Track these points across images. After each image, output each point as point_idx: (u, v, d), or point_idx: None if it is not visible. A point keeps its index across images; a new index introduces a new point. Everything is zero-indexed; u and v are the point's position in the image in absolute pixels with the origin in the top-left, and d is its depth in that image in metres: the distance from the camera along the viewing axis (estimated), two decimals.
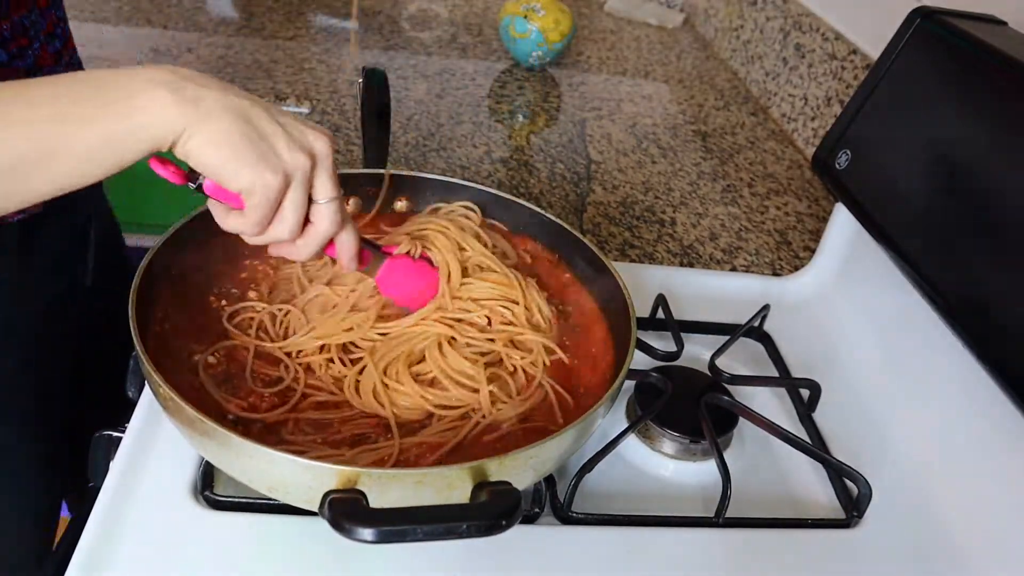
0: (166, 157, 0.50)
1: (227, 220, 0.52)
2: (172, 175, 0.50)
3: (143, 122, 0.46)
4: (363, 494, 0.47)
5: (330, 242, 0.55)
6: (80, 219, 0.84)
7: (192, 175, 0.51)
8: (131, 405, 0.67)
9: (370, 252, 0.62)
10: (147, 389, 0.68)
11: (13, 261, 0.75)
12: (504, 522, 0.47)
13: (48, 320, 0.82)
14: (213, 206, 0.53)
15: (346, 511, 0.46)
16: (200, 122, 0.46)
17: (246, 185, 0.48)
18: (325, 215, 0.53)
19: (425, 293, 0.66)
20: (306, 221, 0.53)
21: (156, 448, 0.63)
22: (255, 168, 0.48)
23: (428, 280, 0.66)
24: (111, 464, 0.62)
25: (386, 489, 0.48)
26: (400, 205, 0.80)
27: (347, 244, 0.57)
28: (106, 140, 0.46)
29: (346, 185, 0.75)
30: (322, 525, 0.58)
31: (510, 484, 0.50)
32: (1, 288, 0.76)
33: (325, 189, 0.52)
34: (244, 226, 0.51)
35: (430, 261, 0.67)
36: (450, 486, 0.49)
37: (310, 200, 0.52)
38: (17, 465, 0.86)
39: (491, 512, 0.48)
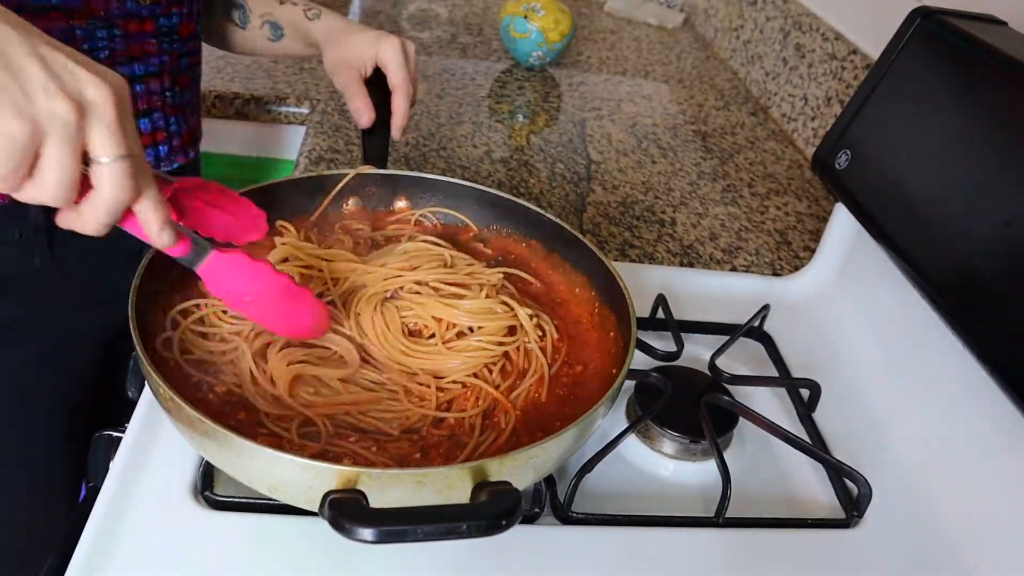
0: None
1: None
2: None
3: None
4: (363, 494, 0.47)
5: (130, 213, 0.46)
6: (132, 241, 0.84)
7: None
8: (131, 405, 0.67)
9: (189, 237, 0.52)
10: (147, 389, 0.68)
11: (46, 254, 0.76)
12: (504, 522, 0.47)
13: (72, 317, 0.82)
14: None
15: (346, 511, 0.46)
16: None
17: None
18: (107, 177, 0.42)
19: (271, 302, 0.57)
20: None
21: (156, 448, 0.63)
22: None
23: (273, 285, 0.56)
24: (111, 464, 0.62)
25: (386, 489, 0.48)
26: (399, 205, 0.80)
27: (148, 215, 0.46)
28: None
29: (322, 186, 0.76)
30: (322, 525, 0.58)
31: (510, 484, 0.50)
32: (30, 279, 0.76)
33: (103, 145, 0.42)
34: None
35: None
36: (450, 486, 0.49)
37: (89, 160, 0.43)
38: (37, 454, 0.86)
39: (491, 512, 0.48)
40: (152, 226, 0.47)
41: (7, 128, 0.39)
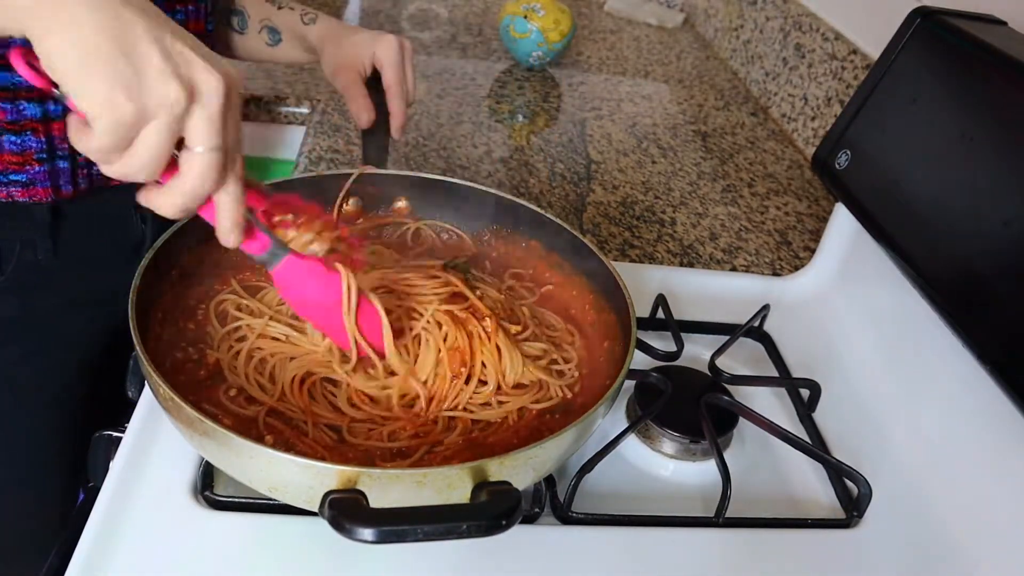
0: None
1: (75, 138, 0.44)
2: (33, 76, 0.42)
3: None
4: (363, 494, 0.47)
5: (208, 203, 0.47)
6: (135, 236, 0.84)
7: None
8: (131, 405, 0.67)
9: (269, 238, 0.53)
10: (147, 389, 0.68)
11: (49, 249, 0.76)
12: (504, 522, 0.47)
13: (69, 315, 0.82)
14: (70, 118, 0.44)
15: (346, 511, 0.46)
16: (60, 20, 0.40)
17: (88, 104, 0.41)
18: (194, 165, 0.44)
19: (335, 313, 0.57)
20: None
21: (156, 448, 0.63)
22: (104, 87, 0.40)
23: (338, 297, 0.57)
24: (111, 464, 0.62)
25: (386, 489, 0.48)
26: (399, 205, 0.80)
27: (224, 209, 0.47)
28: None
29: (322, 187, 0.76)
30: (322, 525, 0.58)
31: (510, 484, 0.50)
32: (32, 275, 0.76)
33: (200, 134, 0.43)
34: (87, 150, 0.43)
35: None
36: (450, 486, 0.49)
37: (183, 145, 0.44)
38: (32, 453, 0.86)
39: (491, 512, 0.48)
40: (223, 222, 0.48)
41: (116, 108, 0.40)
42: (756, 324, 0.87)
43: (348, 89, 0.80)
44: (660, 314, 0.84)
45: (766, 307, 0.87)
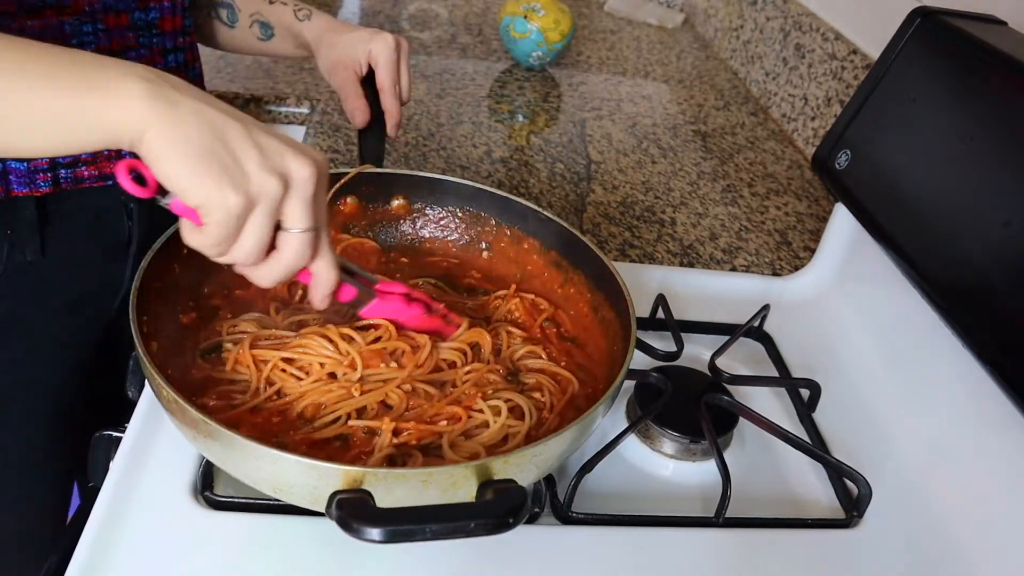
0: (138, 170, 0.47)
1: (189, 236, 0.48)
2: (135, 187, 0.46)
3: (108, 106, 0.43)
4: (370, 494, 0.47)
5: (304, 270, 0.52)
6: (121, 234, 0.84)
7: (161, 190, 0.47)
8: (131, 405, 0.67)
9: (356, 288, 0.60)
10: (147, 389, 0.68)
11: (37, 252, 0.76)
12: (511, 520, 0.47)
13: (67, 316, 0.82)
14: (181, 222, 0.49)
15: (354, 511, 0.46)
16: (166, 124, 0.44)
17: (203, 201, 0.45)
18: (291, 245, 0.49)
19: (416, 329, 0.65)
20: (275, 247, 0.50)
21: (156, 448, 0.63)
22: (215, 184, 0.44)
23: (420, 322, 0.65)
24: (111, 464, 0.62)
25: (392, 489, 0.48)
26: (397, 203, 0.80)
27: (320, 279, 0.53)
28: (64, 113, 0.43)
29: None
30: (321, 525, 0.59)
31: (515, 482, 0.50)
32: (20, 276, 0.76)
33: (295, 217, 0.48)
34: (202, 245, 0.47)
35: (428, 305, 0.65)
36: (455, 485, 0.49)
37: (280, 227, 0.49)
38: (22, 454, 0.86)
39: (498, 510, 0.48)
40: (318, 289, 0.54)
41: (228, 201, 0.45)
42: (756, 324, 0.87)
43: (343, 88, 0.80)
44: (660, 314, 0.84)
45: (766, 307, 0.87)
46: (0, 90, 0.43)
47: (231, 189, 0.45)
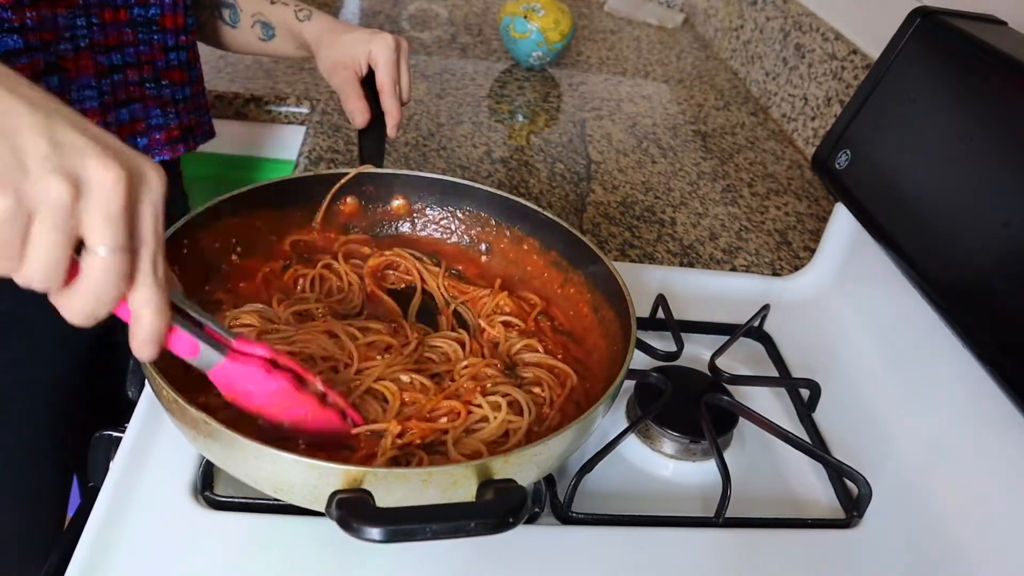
0: None
1: None
2: None
3: None
4: (370, 494, 0.47)
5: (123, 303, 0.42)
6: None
7: None
8: (131, 405, 0.67)
9: (198, 339, 0.48)
10: (147, 389, 0.68)
11: None
12: (511, 519, 0.47)
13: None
14: None
15: (355, 511, 0.46)
16: None
17: None
18: (93, 268, 0.39)
19: (282, 407, 0.53)
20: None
21: (156, 448, 0.63)
22: None
23: (289, 397, 0.52)
24: (111, 464, 0.62)
25: (392, 488, 0.48)
26: (397, 204, 0.80)
27: (139, 319, 0.42)
28: None
29: (321, 186, 0.76)
30: (321, 525, 0.59)
31: (515, 481, 0.50)
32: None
33: (95, 232, 0.38)
34: None
35: (300, 378, 0.53)
36: (455, 484, 0.49)
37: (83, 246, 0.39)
38: (21, 454, 0.86)
39: (498, 510, 0.48)
40: (135, 335, 0.43)
41: None
42: (756, 324, 0.87)
43: (343, 88, 0.80)
44: (660, 314, 0.84)
45: (766, 307, 0.87)
46: None
47: None
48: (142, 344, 0.43)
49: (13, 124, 0.37)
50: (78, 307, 0.40)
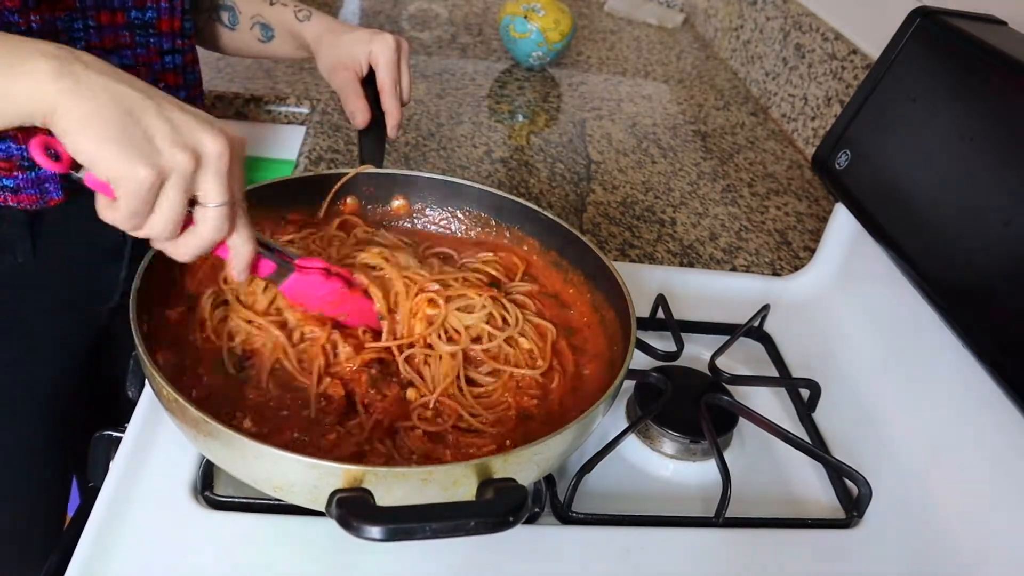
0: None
1: (104, 211, 0.49)
2: (50, 162, 0.47)
3: (17, 85, 0.44)
4: (370, 492, 0.47)
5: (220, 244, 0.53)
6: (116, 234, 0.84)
7: (75, 165, 0.48)
8: (131, 405, 0.67)
9: (275, 262, 0.59)
10: (147, 389, 0.68)
11: (28, 251, 0.76)
12: (512, 518, 0.47)
13: (61, 317, 0.82)
14: (97, 197, 0.49)
15: (355, 510, 0.46)
16: (75, 99, 0.44)
17: (112, 174, 0.45)
18: (208, 219, 0.49)
19: (336, 304, 0.64)
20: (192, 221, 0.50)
21: (156, 448, 0.63)
22: (124, 157, 0.45)
23: (341, 296, 0.64)
24: (111, 464, 0.62)
25: (392, 487, 0.48)
26: (397, 204, 0.80)
27: (237, 252, 0.54)
28: None
29: (321, 186, 0.76)
30: (321, 525, 0.59)
31: (515, 481, 0.50)
32: (12, 278, 0.76)
33: (211, 192, 0.49)
34: (116, 219, 0.48)
35: (347, 280, 0.64)
36: (456, 483, 0.49)
37: (196, 202, 0.49)
38: (21, 454, 0.86)
39: (499, 509, 0.48)
40: (236, 262, 0.54)
41: (138, 174, 0.45)
42: (756, 324, 0.87)
43: (343, 88, 0.80)
44: (660, 314, 0.84)
45: (766, 307, 0.87)
46: None
47: (140, 162, 0.45)
48: (241, 271, 0.55)
49: (138, 111, 0.46)
50: (190, 250, 0.51)
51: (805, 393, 0.80)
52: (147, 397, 0.67)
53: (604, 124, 1.35)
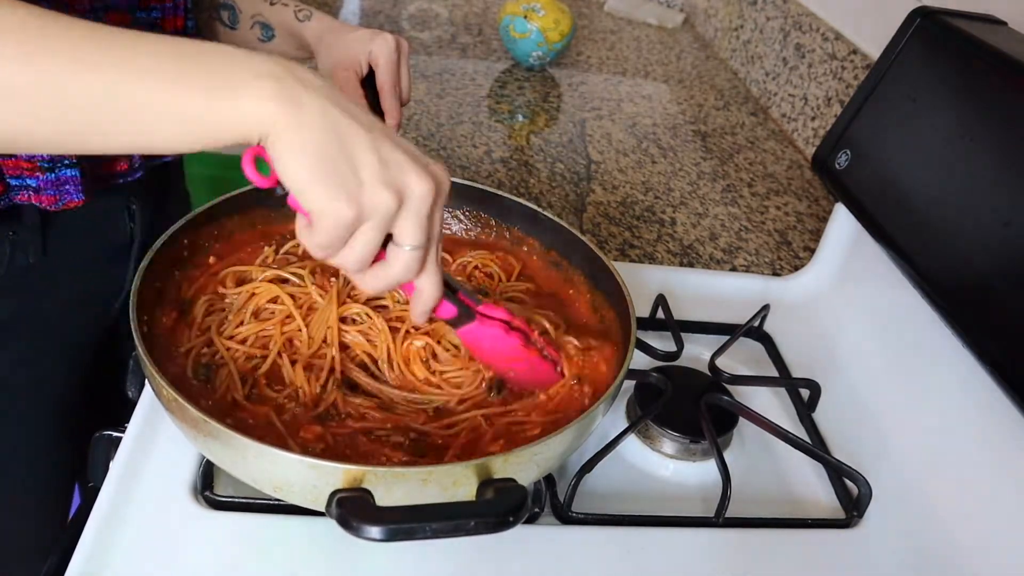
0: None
1: (300, 233, 0.49)
2: (257, 176, 0.47)
3: (238, 108, 0.44)
4: (370, 493, 0.47)
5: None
6: (123, 235, 0.84)
7: (280, 184, 0.47)
8: (131, 405, 0.67)
9: (456, 307, 0.57)
10: (147, 389, 0.68)
11: (39, 249, 0.76)
12: (512, 518, 0.47)
13: (68, 315, 0.82)
14: (297, 217, 0.49)
15: (355, 510, 0.46)
16: (291, 127, 0.44)
17: (315, 207, 0.45)
18: (400, 259, 0.48)
19: (510, 361, 0.62)
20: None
21: (156, 448, 0.63)
22: (329, 193, 0.44)
23: (518, 353, 0.61)
24: (111, 464, 0.62)
25: (392, 487, 0.48)
26: None
27: (422, 295, 0.52)
28: (194, 117, 0.44)
29: None
30: (321, 525, 0.59)
31: (515, 481, 0.50)
32: (23, 277, 0.76)
33: (408, 234, 0.47)
34: (309, 245, 0.48)
35: (527, 336, 0.62)
36: (456, 483, 0.49)
37: (391, 239, 0.48)
38: (24, 454, 0.86)
39: (499, 509, 0.48)
40: (418, 306, 0.53)
41: (339, 212, 0.44)
42: (756, 324, 0.87)
43: (343, 89, 0.80)
44: (660, 314, 0.84)
45: (766, 307, 0.87)
46: (129, 90, 0.43)
47: (344, 200, 0.44)
48: (423, 313, 0.53)
49: (350, 143, 0.45)
50: (377, 284, 0.50)
51: (805, 393, 0.80)
52: (147, 397, 0.67)
53: (604, 124, 1.35)
